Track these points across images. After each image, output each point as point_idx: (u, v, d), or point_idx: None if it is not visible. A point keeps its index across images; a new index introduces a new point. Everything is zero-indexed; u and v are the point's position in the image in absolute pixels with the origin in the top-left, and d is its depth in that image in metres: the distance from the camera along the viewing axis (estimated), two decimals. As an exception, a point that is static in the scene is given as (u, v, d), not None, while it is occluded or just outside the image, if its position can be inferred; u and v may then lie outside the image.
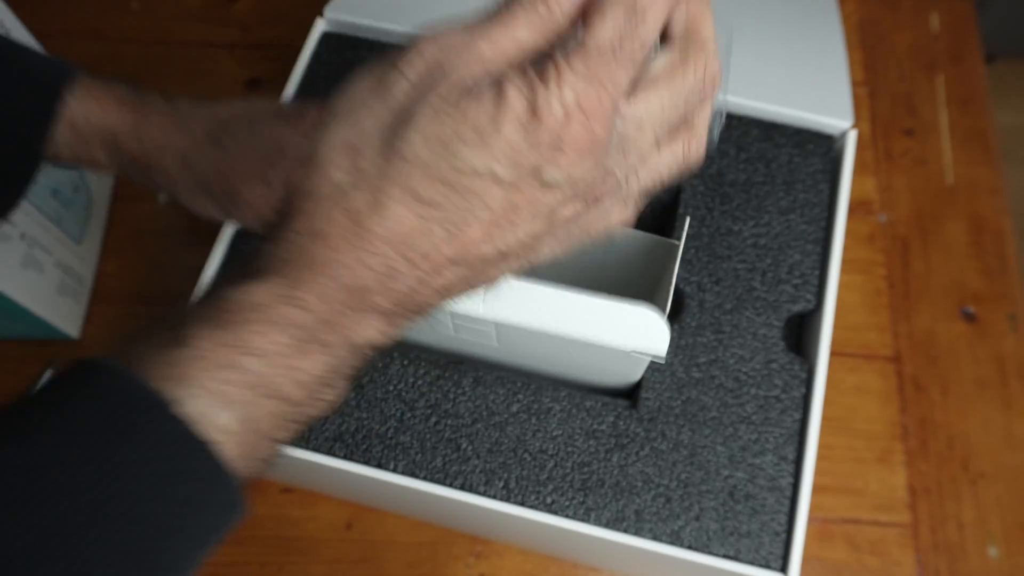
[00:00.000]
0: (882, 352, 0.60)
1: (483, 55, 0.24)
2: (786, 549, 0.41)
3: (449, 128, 0.24)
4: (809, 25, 0.54)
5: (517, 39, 0.25)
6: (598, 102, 0.24)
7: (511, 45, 0.25)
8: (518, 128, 0.24)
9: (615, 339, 0.34)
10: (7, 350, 0.59)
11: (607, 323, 0.34)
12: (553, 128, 0.24)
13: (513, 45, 0.25)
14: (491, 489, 0.42)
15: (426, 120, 0.24)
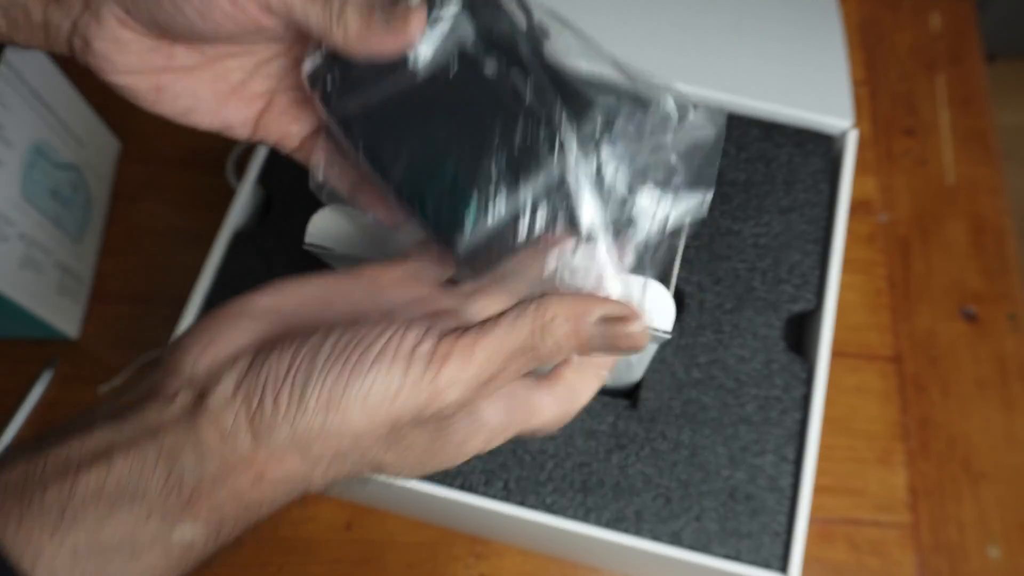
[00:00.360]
0: (882, 352, 0.60)
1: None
2: (786, 549, 0.41)
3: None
4: (809, 25, 0.54)
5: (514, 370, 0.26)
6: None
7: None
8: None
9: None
10: (6, 350, 0.59)
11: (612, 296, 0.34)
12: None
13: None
14: (491, 489, 0.42)
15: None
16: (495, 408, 0.26)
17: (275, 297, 0.27)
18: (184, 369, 0.24)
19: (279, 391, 0.23)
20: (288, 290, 0.27)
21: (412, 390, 0.23)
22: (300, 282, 0.27)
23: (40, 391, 0.58)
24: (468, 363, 0.23)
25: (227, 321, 0.25)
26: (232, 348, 0.24)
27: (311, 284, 0.28)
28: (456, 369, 0.23)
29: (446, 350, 0.23)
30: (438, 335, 0.23)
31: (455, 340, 0.23)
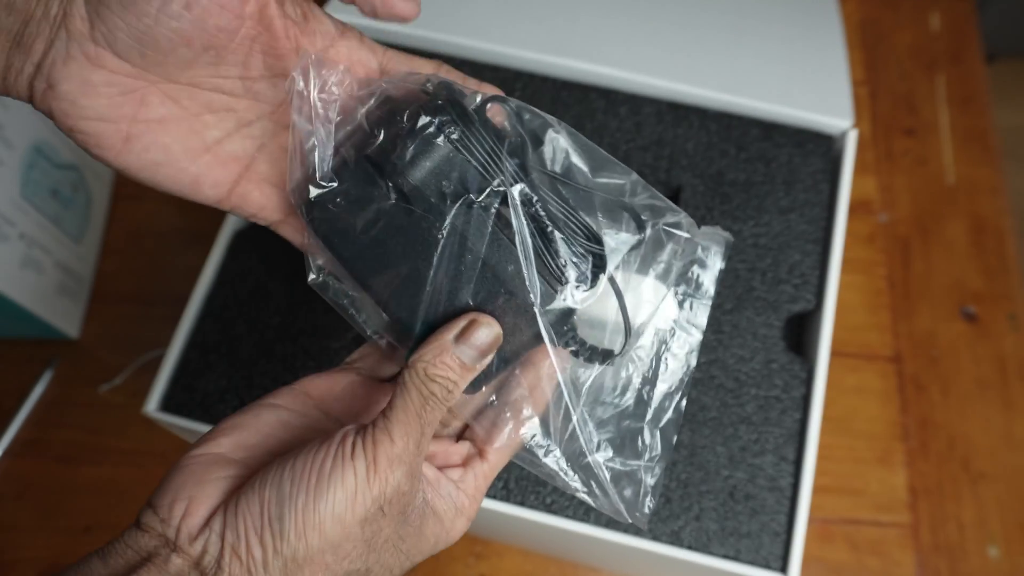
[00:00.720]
0: (882, 352, 0.60)
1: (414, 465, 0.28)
2: (786, 549, 0.41)
3: (395, 560, 0.29)
4: (809, 25, 0.54)
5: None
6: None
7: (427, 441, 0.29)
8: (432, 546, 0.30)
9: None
10: (7, 350, 0.59)
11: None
12: (440, 545, 0.31)
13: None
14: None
15: (386, 555, 0.28)
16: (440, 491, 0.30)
17: (236, 437, 0.29)
18: (171, 534, 0.26)
19: (261, 532, 0.25)
20: (246, 426, 0.30)
21: (365, 485, 0.26)
22: (255, 414, 0.30)
23: (40, 391, 0.58)
24: (392, 441, 0.27)
25: (201, 475, 0.27)
26: (210, 505, 0.27)
27: (264, 414, 0.30)
28: (386, 450, 0.27)
29: (371, 440, 0.27)
30: (357, 431, 0.27)
31: (374, 430, 0.27)
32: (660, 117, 0.50)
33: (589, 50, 0.51)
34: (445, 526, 0.30)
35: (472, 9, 0.52)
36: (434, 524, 0.29)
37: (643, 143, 0.50)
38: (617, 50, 0.51)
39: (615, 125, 0.50)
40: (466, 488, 0.31)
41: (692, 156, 0.49)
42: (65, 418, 0.57)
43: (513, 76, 0.51)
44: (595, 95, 0.51)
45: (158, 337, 0.57)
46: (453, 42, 0.51)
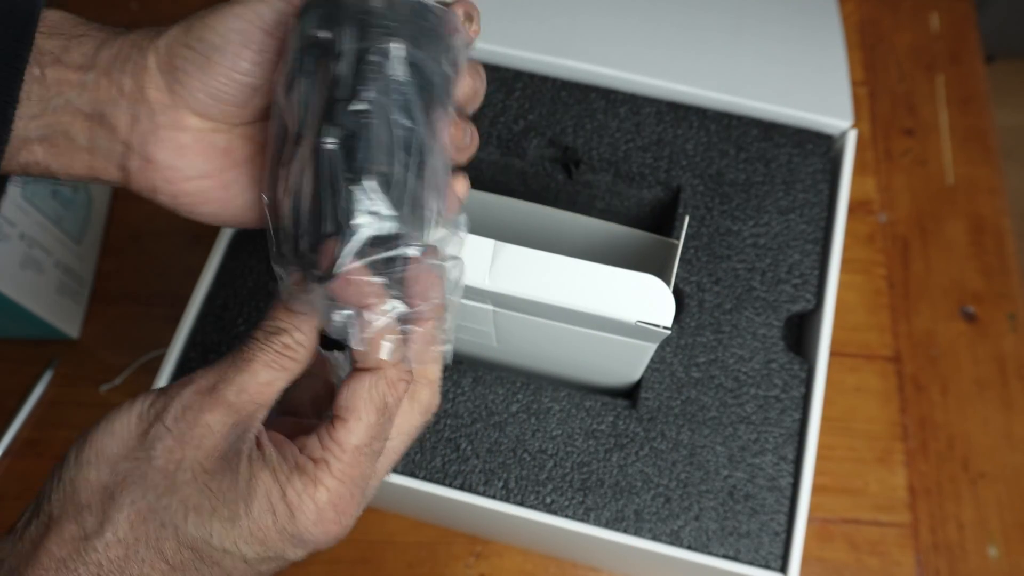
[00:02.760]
0: (882, 352, 0.60)
1: (231, 403, 0.26)
2: (786, 549, 0.41)
3: (206, 501, 0.25)
4: (809, 25, 0.54)
5: (261, 383, 0.27)
6: (350, 498, 0.27)
7: (257, 389, 0.27)
8: (269, 515, 0.25)
9: (620, 310, 0.34)
10: (7, 350, 0.59)
11: (612, 292, 0.34)
12: (304, 525, 0.26)
13: (258, 389, 0.27)
14: (490, 489, 0.42)
15: (187, 489, 0.25)
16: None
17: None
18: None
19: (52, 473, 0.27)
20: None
21: (142, 401, 0.27)
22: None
23: (40, 391, 0.58)
24: (194, 377, 0.27)
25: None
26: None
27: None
28: (181, 382, 0.27)
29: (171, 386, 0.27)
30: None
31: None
32: (660, 117, 0.50)
33: (589, 50, 0.51)
34: (280, 488, 0.26)
35: (472, 9, 0.52)
36: (266, 481, 0.26)
37: (643, 143, 0.50)
38: (617, 50, 0.51)
39: (615, 125, 0.50)
40: (309, 448, 0.26)
41: (692, 156, 0.49)
42: (65, 418, 0.57)
43: (513, 76, 0.51)
44: (595, 95, 0.51)
45: (158, 337, 0.57)
46: (453, 42, 0.51)
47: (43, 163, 0.30)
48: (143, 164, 0.31)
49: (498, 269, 0.34)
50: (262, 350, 0.27)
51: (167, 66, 0.30)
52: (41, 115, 0.29)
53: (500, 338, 0.41)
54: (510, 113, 0.50)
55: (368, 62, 0.26)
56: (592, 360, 0.41)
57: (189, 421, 0.26)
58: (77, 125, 0.30)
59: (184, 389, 0.26)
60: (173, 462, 0.25)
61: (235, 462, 0.26)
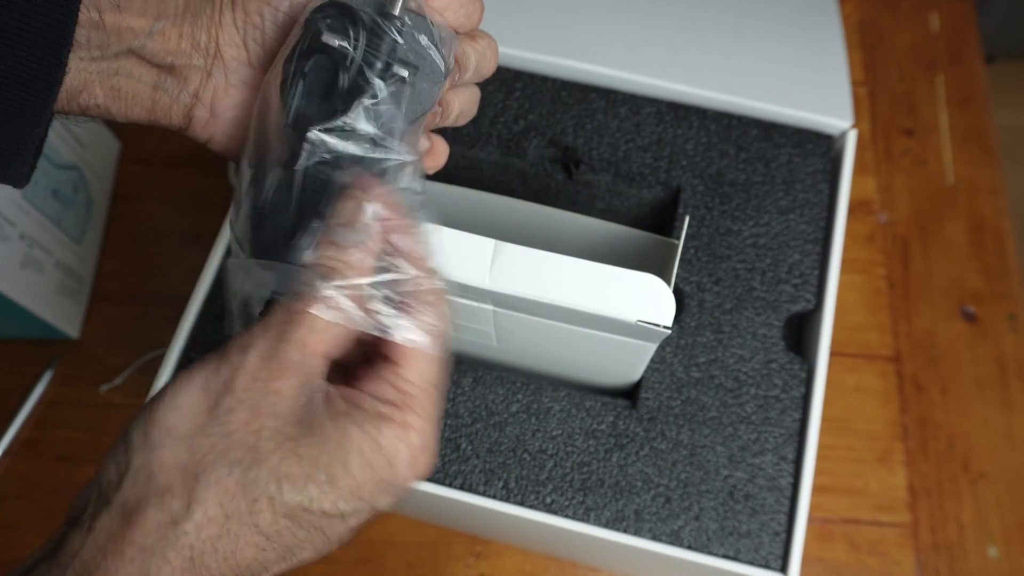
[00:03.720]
0: (882, 352, 0.60)
1: (296, 363, 0.25)
2: (786, 549, 0.41)
3: (297, 468, 0.24)
4: (809, 25, 0.54)
5: (320, 331, 0.26)
6: (434, 435, 0.27)
7: (317, 340, 0.26)
8: (368, 470, 0.25)
9: (620, 309, 0.34)
10: (7, 350, 0.59)
11: (612, 292, 0.34)
12: (402, 472, 0.26)
13: (318, 339, 0.26)
14: (491, 489, 0.42)
15: (274, 458, 0.24)
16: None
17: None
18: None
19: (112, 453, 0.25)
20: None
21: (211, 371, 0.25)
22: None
23: (40, 391, 0.58)
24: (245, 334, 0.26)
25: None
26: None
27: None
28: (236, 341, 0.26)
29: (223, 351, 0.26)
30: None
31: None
32: (660, 117, 0.50)
33: (589, 50, 0.51)
34: (373, 439, 0.25)
35: (472, 9, 0.52)
36: (357, 436, 0.25)
37: (643, 143, 0.50)
38: (617, 50, 0.52)
39: (615, 125, 0.50)
40: (384, 394, 0.26)
41: (692, 156, 0.49)
42: (65, 418, 0.57)
43: (513, 76, 0.51)
44: (595, 95, 0.51)
45: (158, 337, 0.57)
46: (453, 42, 0.51)
47: (103, 105, 0.30)
48: (209, 117, 0.31)
49: (498, 269, 0.34)
50: (315, 297, 0.26)
51: (243, 22, 0.30)
52: (101, 59, 0.28)
53: (500, 338, 0.41)
54: (510, 113, 0.50)
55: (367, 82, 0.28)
56: (592, 360, 0.41)
57: (260, 389, 0.25)
58: (144, 73, 0.29)
59: (247, 355, 0.25)
60: (252, 433, 0.24)
61: (317, 424, 0.25)
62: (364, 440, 0.25)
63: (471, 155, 0.50)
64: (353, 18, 0.28)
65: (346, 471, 0.25)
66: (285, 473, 0.24)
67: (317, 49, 0.28)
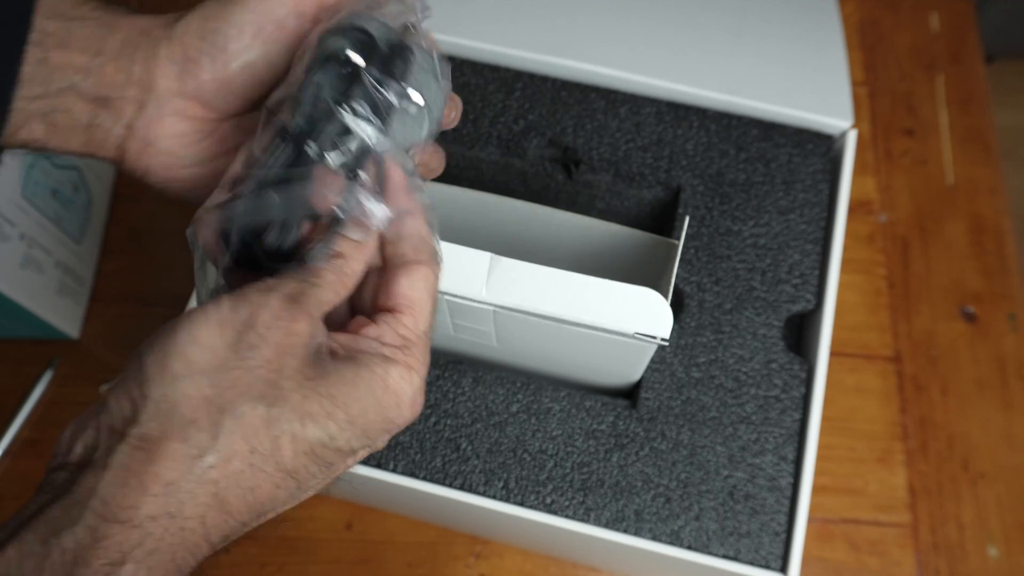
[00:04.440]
0: (882, 352, 0.60)
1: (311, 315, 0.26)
2: (786, 549, 0.41)
3: (317, 406, 0.25)
4: (809, 25, 0.54)
5: (325, 302, 0.27)
6: (425, 382, 0.28)
7: (323, 308, 0.27)
8: (378, 408, 0.26)
9: (617, 322, 0.34)
10: (7, 350, 0.59)
11: (609, 305, 0.34)
12: (403, 411, 0.27)
13: (323, 308, 0.27)
14: (491, 489, 0.42)
15: (296, 396, 0.25)
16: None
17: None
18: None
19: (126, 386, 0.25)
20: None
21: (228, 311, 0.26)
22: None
23: (40, 391, 0.58)
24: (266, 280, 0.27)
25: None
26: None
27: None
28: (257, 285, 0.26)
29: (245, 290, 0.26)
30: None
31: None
32: (660, 117, 0.50)
33: (589, 50, 0.51)
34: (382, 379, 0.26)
35: (472, 9, 0.52)
36: (368, 376, 0.26)
37: (643, 143, 0.50)
38: (617, 50, 0.51)
39: (615, 125, 0.50)
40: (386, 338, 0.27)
41: (692, 156, 0.49)
42: (65, 418, 0.57)
43: (513, 76, 0.51)
44: (595, 95, 0.51)
45: (158, 337, 0.57)
46: (453, 42, 0.51)
47: (41, 140, 0.30)
48: (142, 148, 0.31)
49: (495, 282, 0.35)
50: (328, 271, 0.27)
51: (180, 56, 0.30)
52: (44, 96, 0.29)
53: (500, 338, 0.41)
54: (510, 113, 0.50)
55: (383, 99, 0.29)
56: (592, 361, 0.41)
57: (283, 329, 0.25)
58: (80, 106, 0.30)
59: (268, 296, 0.26)
60: (274, 371, 0.25)
61: (331, 366, 0.26)
62: (375, 380, 0.26)
63: (471, 155, 0.50)
64: (373, 43, 0.29)
65: (361, 409, 0.26)
66: (307, 411, 0.25)
67: (335, 62, 0.28)
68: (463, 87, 0.50)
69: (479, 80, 0.51)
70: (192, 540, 0.24)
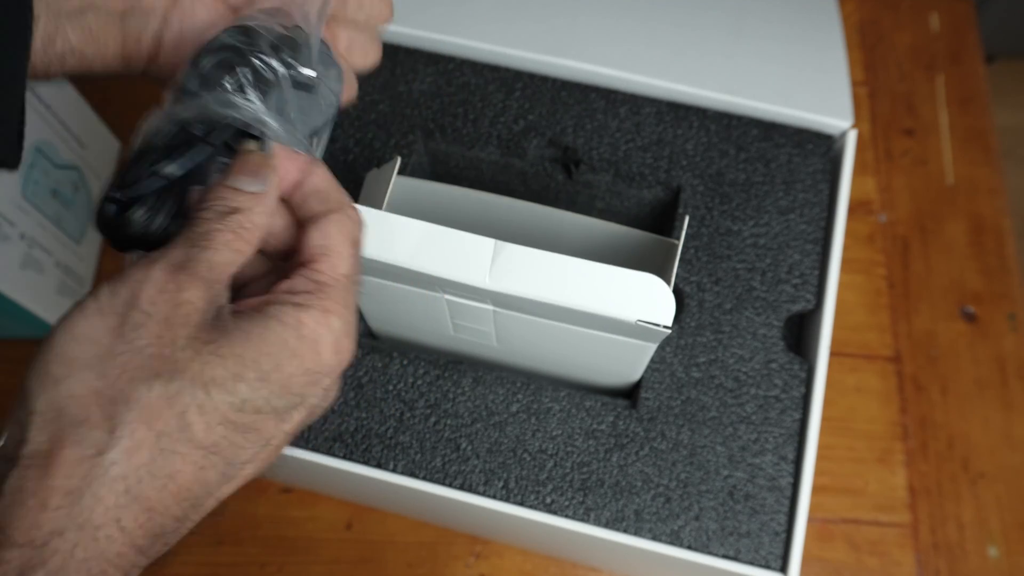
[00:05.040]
0: (882, 352, 0.60)
1: (205, 278, 0.24)
2: (786, 549, 0.41)
3: (222, 369, 0.23)
4: (809, 25, 0.54)
5: (223, 262, 0.25)
6: (353, 326, 0.26)
7: (221, 269, 0.25)
8: (295, 359, 0.24)
9: (619, 309, 0.34)
10: (7, 350, 0.59)
11: (611, 291, 0.34)
12: (326, 358, 0.25)
13: (222, 268, 0.25)
14: (491, 489, 0.42)
15: (196, 365, 0.23)
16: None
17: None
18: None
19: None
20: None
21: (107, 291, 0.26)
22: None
23: (40, 391, 0.58)
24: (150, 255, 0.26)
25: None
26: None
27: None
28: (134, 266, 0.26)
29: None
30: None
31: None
32: (660, 117, 0.50)
33: (589, 50, 0.51)
34: (294, 328, 0.25)
35: (472, 9, 0.52)
36: (277, 327, 0.24)
37: (643, 143, 0.50)
38: (617, 50, 0.52)
39: (615, 125, 0.50)
40: (298, 287, 0.26)
41: (692, 156, 0.49)
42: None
43: (513, 76, 0.51)
44: (595, 95, 0.51)
45: (158, 337, 0.57)
46: (453, 42, 0.51)
47: (78, 49, 0.29)
48: (178, 41, 0.31)
49: (499, 268, 0.34)
50: (219, 230, 0.25)
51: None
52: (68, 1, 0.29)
53: (500, 338, 0.41)
54: (510, 113, 0.50)
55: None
56: (592, 360, 0.41)
57: (169, 300, 0.24)
58: (111, 5, 0.30)
59: (151, 270, 0.24)
60: (167, 344, 0.23)
61: (234, 325, 0.24)
62: (286, 330, 0.24)
63: (471, 155, 0.50)
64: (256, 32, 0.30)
65: (274, 363, 0.24)
66: (210, 377, 0.23)
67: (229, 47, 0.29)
68: (463, 87, 0.50)
69: (479, 80, 0.51)
70: (112, 549, 0.22)
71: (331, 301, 0.26)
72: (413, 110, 0.50)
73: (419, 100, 0.50)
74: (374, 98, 0.50)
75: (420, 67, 0.51)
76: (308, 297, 0.25)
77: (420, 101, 0.50)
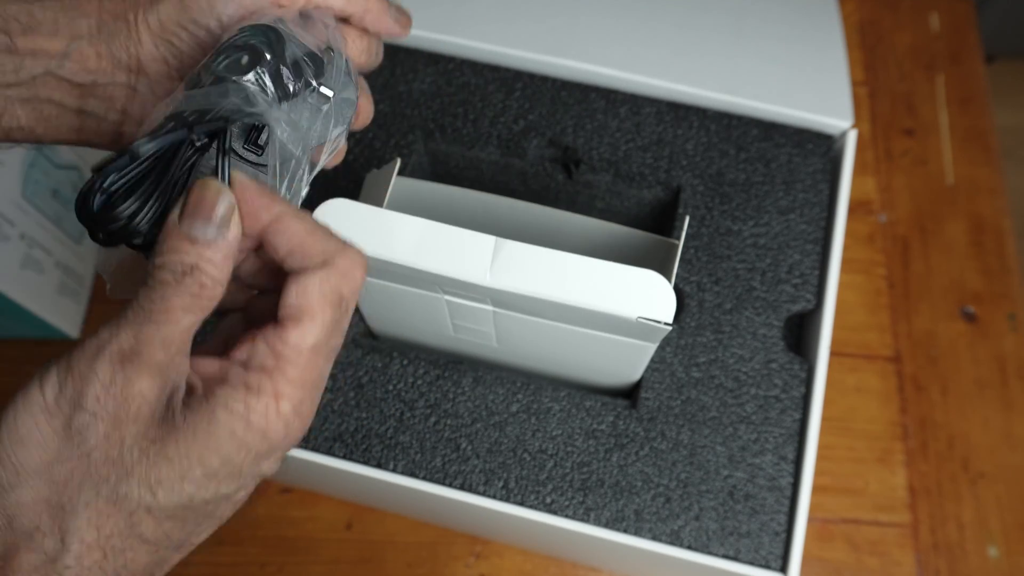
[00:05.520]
0: (882, 352, 0.60)
1: (158, 363, 0.23)
2: (786, 549, 0.41)
3: (169, 469, 0.23)
4: (809, 25, 0.54)
5: (183, 330, 0.24)
6: (311, 401, 0.25)
7: (181, 339, 0.24)
8: (242, 450, 0.24)
9: (620, 306, 0.34)
10: (7, 350, 0.59)
11: (612, 288, 0.34)
12: (275, 441, 0.24)
13: (182, 337, 0.24)
14: (491, 489, 0.42)
15: (142, 467, 0.23)
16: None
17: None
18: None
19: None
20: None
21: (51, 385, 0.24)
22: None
23: (40, 391, 0.58)
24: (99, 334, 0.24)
25: None
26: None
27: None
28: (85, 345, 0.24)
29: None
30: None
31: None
32: (660, 117, 0.50)
33: (589, 50, 0.51)
34: (243, 417, 0.24)
35: (472, 9, 0.52)
36: (225, 418, 0.24)
37: (643, 143, 0.50)
38: (617, 50, 0.52)
39: (615, 125, 0.50)
40: (255, 359, 0.24)
41: (692, 156, 0.49)
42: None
43: (513, 76, 0.51)
44: (595, 95, 0.51)
45: (158, 337, 0.57)
46: (453, 42, 0.51)
47: (27, 127, 0.29)
48: (140, 128, 0.30)
49: (499, 266, 0.34)
50: (177, 295, 0.24)
51: (163, 43, 0.30)
52: (17, 84, 0.28)
53: (500, 338, 0.41)
54: (510, 113, 0.50)
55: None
56: (592, 360, 0.41)
57: (117, 397, 0.23)
58: (65, 95, 0.29)
59: (96, 362, 0.23)
60: (115, 445, 0.23)
61: (181, 418, 0.23)
62: (233, 420, 0.24)
63: (471, 155, 0.50)
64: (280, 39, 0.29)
65: (221, 458, 0.23)
66: (156, 479, 0.23)
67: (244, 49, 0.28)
68: (463, 87, 0.50)
69: (479, 80, 0.51)
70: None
71: (284, 382, 0.24)
72: (413, 110, 0.50)
73: (419, 100, 0.50)
74: (374, 98, 0.50)
75: (420, 67, 0.51)
76: (261, 378, 0.24)
77: (420, 101, 0.50)
